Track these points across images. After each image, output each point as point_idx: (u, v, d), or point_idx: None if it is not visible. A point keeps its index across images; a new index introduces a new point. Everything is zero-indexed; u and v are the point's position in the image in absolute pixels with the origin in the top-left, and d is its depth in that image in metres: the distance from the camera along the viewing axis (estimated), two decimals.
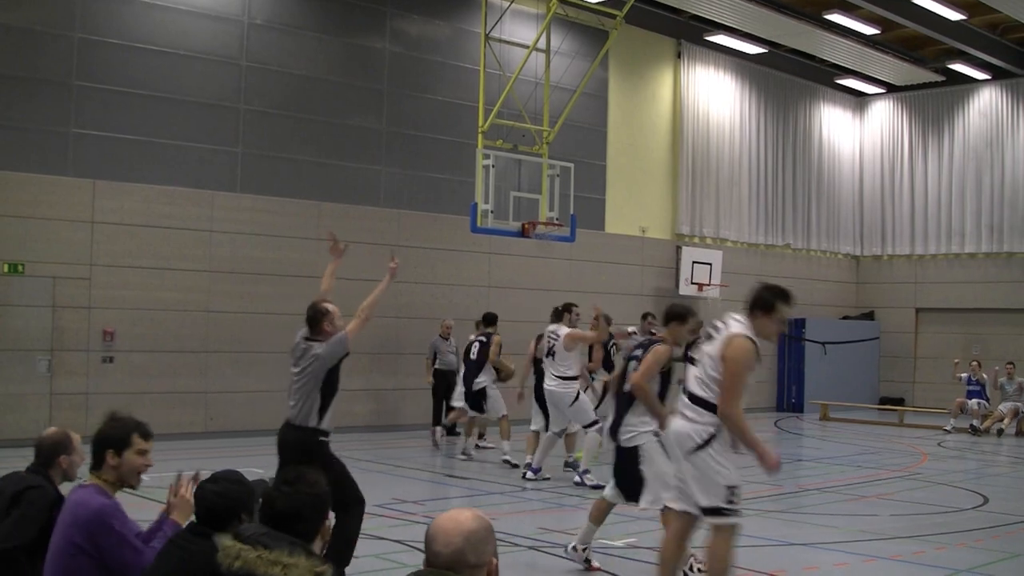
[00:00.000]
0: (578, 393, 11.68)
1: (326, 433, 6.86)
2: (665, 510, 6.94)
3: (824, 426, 20.22)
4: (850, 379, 23.97)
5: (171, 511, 4.43)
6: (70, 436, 4.94)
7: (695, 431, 5.85)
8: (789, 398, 23.65)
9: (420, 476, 12.87)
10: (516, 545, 8.52)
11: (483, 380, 13.82)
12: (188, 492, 4.38)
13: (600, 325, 11.16)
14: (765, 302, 5.91)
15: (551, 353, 11.76)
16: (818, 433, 19.46)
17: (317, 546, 3.35)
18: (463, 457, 13.89)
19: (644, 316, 15.02)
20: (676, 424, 6.02)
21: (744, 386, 5.76)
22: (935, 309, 24.99)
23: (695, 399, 5.92)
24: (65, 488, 4.76)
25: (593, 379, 13.06)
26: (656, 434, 7.32)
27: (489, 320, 14.41)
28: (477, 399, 13.87)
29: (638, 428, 7.41)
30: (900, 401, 24.59)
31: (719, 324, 6.00)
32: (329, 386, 6.81)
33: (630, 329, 14.84)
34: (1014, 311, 23.54)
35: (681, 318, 7.51)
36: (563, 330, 11.71)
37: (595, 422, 11.57)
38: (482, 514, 2.78)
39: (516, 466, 12.75)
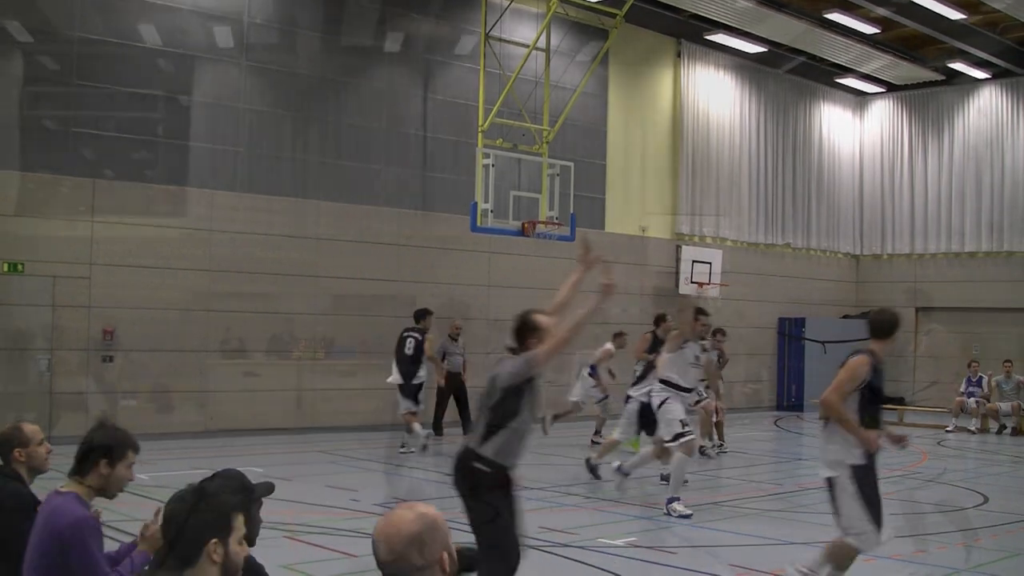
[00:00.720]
0: (665, 399, 10.38)
1: (488, 462, 5.71)
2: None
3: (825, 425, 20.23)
4: None
5: (141, 543, 4.41)
6: (21, 428, 4.84)
7: None
8: (789, 397, 23.63)
9: (420, 476, 12.87)
10: None
11: (422, 375, 14.25)
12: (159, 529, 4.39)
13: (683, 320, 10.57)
14: None
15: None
16: (818, 432, 19.44)
17: (212, 571, 2.91)
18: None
19: (714, 333, 14.22)
20: None
21: None
22: (935, 308, 24.97)
23: None
24: (46, 483, 4.67)
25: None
26: (859, 468, 6.15)
27: (420, 315, 14.59)
28: (415, 393, 14.18)
29: (832, 457, 6.31)
30: (900, 400, 24.56)
31: None
32: (503, 408, 5.77)
33: None
34: (1014, 310, 23.52)
35: (896, 328, 6.39)
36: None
37: (680, 436, 10.10)
38: (427, 509, 2.65)
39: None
